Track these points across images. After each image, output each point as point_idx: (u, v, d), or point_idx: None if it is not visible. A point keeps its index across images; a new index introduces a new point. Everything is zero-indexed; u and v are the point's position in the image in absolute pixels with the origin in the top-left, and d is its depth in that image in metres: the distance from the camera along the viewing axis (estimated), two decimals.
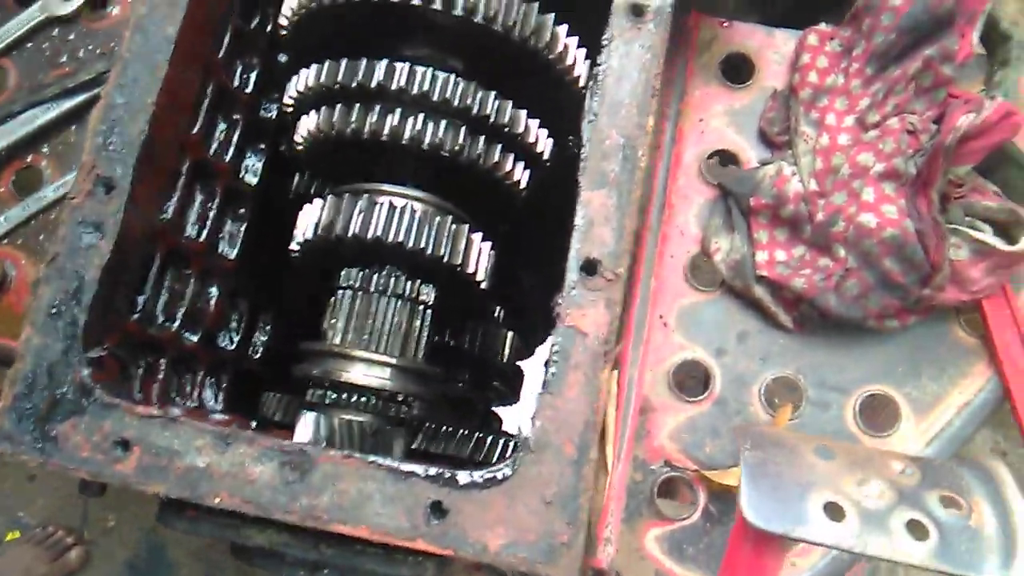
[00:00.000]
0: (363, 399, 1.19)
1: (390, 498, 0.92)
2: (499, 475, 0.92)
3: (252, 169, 1.43)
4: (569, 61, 1.21)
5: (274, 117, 1.44)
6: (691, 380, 1.29)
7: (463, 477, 0.92)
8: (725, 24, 1.39)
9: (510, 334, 1.59)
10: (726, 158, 1.35)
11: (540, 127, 1.25)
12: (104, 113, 1.06)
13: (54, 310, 1.01)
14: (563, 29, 1.19)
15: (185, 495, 0.93)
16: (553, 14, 1.17)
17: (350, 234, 1.17)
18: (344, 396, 1.18)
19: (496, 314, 1.63)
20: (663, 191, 1.33)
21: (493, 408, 1.77)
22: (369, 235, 1.17)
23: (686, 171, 1.34)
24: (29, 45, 1.47)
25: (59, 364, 0.97)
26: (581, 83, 1.24)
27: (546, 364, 0.95)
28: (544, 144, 1.26)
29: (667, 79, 1.36)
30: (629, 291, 1.29)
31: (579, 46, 1.21)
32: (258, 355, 1.49)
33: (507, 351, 1.57)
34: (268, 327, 1.48)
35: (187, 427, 0.96)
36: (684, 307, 1.29)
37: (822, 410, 1.24)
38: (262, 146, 1.44)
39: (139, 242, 1.10)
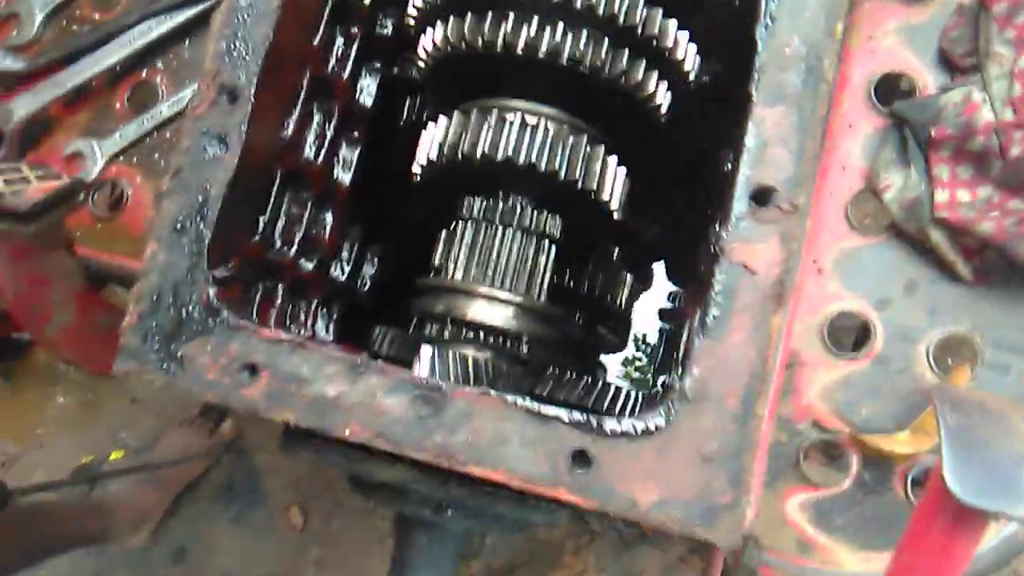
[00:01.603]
0: (485, 336, 1.11)
1: (530, 442, 0.84)
2: (651, 425, 0.83)
3: (367, 90, 1.34)
4: None
5: (390, 34, 1.34)
6: (847, 333, 1.16)
7: (611, 424, 0.84)
8: None
9: (629, 276, 1.48)
10: (900, 82, 1.18)
11: (689, 41, 1.11)
12: (228, 16, 0.99)
13: (179, 225, 0.95)
14: None
15: (315, 424, 0.88)
16: None
17: (479, 154, 1.08)
18: (465, 332, 1.11)
19: (615, 256, 1.52)
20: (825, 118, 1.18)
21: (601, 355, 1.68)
22: (499, 155, 1.07)
23: (852, 95, 1.18)
24: None
25: (185, 282, 0.92)
26: None
27: (706, 306, 0.84)
28: (692, 62, 1.12)
29: None
30: None
31: None
32: (367, 288, 1.43)
33: (625, 294, 1.47)
34: (377, 260, 1.41)
35: (317, 354, 0.90)
36: (844, 251, 1.15)
37: (1001, 374, 1.09)
38: (377, 65, 1.35)
39: (262, 158, 1.03)
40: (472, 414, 0.86)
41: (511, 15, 1.05)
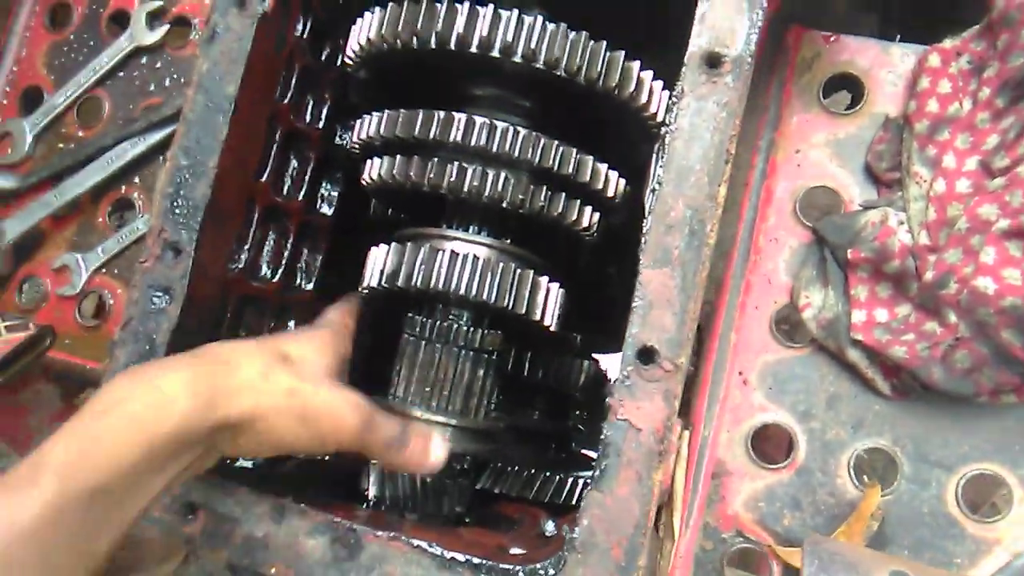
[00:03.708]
0: None
1: None
2: (544, 573, 0.89)
3: (328, 199, 1.42)
4: (643, 99, 1.10)
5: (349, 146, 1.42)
6: (772, 444, 1.20)
7: (507, 571, 0.90)
8: (832, 39, 1.23)
9: (586, 363, 1.53)
10: (826, 196, 1.21)
11: (612, 169, 1.16)
12: (170, 176, 1.08)
13: None
14: (635, 65, 1.08)
15: (244, 563, 0.97)
16: (623, 52, 1.06)
17: (414, 285, 1.15)
18: None
19: (574, 340, 1.57)
20: (750, 233, 1.22)
21: (576, 446, 1.71)
22: (431, 285, 1.14)
23: (778, 210, 1.21)
24: (121, 75, 1.52)
25: None
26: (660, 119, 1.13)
27: (596, 459, 0.90)
28: (616, 188, 1.17)
29: (759, 106, 1.23)
30: (706, 345, 1.21)
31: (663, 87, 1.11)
32: None
33: (582, 380, 1.52)
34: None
35: (247, 496, 0.99)
36: (768, 364, 1.19)
37: (920, 488, 1.12)
38: (339, 174, 1.43)
39: (209, 299, 1.12)
40: (384, 558, 0.94)
41: (435, 159, 1.11)
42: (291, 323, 1.36)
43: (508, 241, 1.21)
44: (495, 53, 1.04)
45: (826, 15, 1.34)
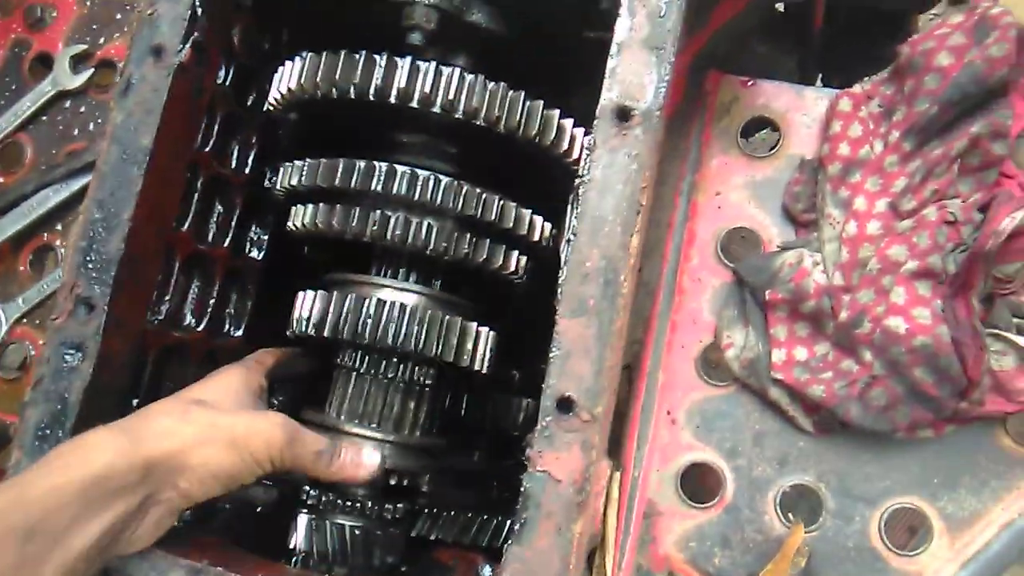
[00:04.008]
0: (355, 502, 1.16)
1: None
2: None
3: (258, 243, 1.41)
4: (564, 146, 1.12)
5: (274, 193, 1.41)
6: (702, 483, 1.21)
7: None
8: (749, 83, 1.26)
9: (525, 401, 1.53)
10: (746, 237, 1.23)
11: (537, 214, 1.17)
12: (83, 229, 1.06)
13: (41, 433, 1.02)
14: (555, 113, 1.10)
15: None
16: (542, 101, 1.08)
17: (339, 335, 1.13)
18: (336, 498, 1.16)
19: (513, 378, 1.57)
20: (674, 273, 1.23)
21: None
22: (356, 336, 1.13)
23: (701, 250, 1.23)
24: (44, 119, 1.49)
25: None
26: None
27: (516, 512, 0.90)
28: (542, 232, 1.18)
29: (681, 148, 1.25)
30: (634, 384, 1.22)
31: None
32: None
33: (521, 419, 1.52)
34: (277, 401, 1.47)
35: (162, 560, 0.96)
36: (695, 402, 1.20)
37: (844, 523, 1.14)
38: (270, 217, 1.41)
39: (125, 354, 1.10)
40: None
41: (356, 208, 1.11)
42: None
43: (438, 286, 1.21)
44: (414, 104, 1.04)
45: (746, 56, 1.37)
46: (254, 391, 1.13)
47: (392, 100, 1.04)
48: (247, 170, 1.33)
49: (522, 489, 0.90)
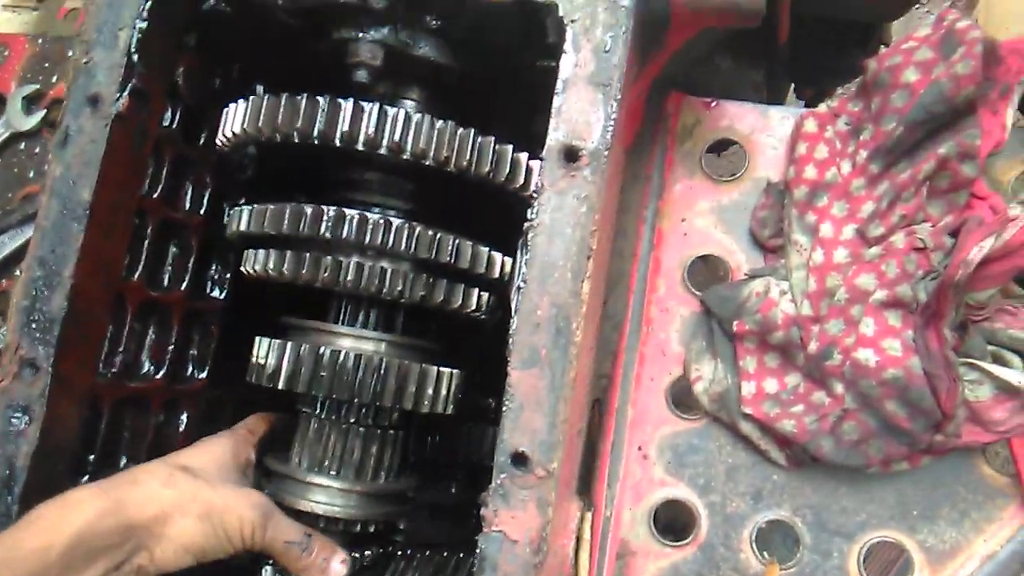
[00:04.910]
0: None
1: None
2: None
3: (219, 281, 1.38)
4: (520, 181, 1.08)
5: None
6: (675, 520, 1.18)
7: None
8: (712, 104, 1.22)
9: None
10: (713, 264, 1.20)
11: (496, 250, 1.13)
12: (25, 288, 1.02)
13: None
14: (508, 148, 1.06)
15: None
16: (493, 137, 1.04)
17: (295, 387, 1.10)
18: None
19: (489, 407, 1.53)
20: (641, 303, 1.20)
21: None
22: (311, 389, 1.09)
23: (667, 279, 1.20)
24: None
25: None
26: None
27: (470, 572, 0.87)
28: (501, 267, 1.14)
29: (643, 174, 1.22)
30: (604, 420, 1.18)
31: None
32: None
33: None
34: None
35: None
36: (666, 436, 1.17)
37: (822, 558, 1.11)
38: (231, 255, 1.38)
39: (74, 414, 1.07)
40: None
41: (307, 254, 1.07)
42: (183, 415, 1.31)
43: (400, 327, 1.18)
44: (359, 147, 1.01)
45: (710, 72, 1.33)
46: (240, 464, 1.12)
47: (336, 143, 1.01)
48: (202, 210, 1.29)
49: (477, 550, 0.87)
